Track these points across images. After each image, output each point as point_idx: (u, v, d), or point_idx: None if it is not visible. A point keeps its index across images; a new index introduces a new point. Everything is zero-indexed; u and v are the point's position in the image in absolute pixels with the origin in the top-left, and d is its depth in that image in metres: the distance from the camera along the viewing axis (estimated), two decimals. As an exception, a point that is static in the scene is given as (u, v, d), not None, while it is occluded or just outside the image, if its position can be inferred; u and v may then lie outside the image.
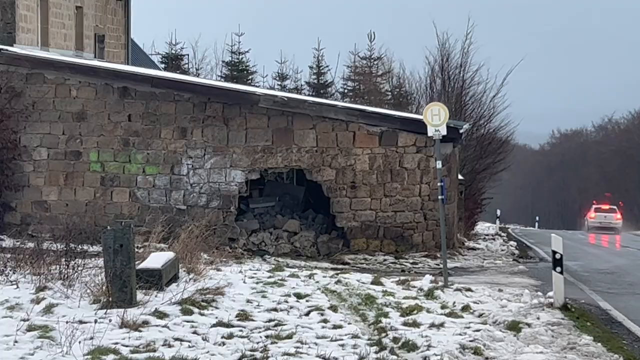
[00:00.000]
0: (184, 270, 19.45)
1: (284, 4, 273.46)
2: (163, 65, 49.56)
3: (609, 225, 64.10)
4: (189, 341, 13.59)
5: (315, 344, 13.73)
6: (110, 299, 15.81)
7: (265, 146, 28.30)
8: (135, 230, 18.32)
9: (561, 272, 18.31)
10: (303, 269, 23.58)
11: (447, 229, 24.24)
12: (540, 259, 31.19)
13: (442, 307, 17.44)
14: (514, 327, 15.54)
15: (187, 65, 51.23)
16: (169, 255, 18.99)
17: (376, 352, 13.18)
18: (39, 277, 17.77)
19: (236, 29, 51.15)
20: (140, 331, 13.93)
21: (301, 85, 50.26)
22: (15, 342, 12.89)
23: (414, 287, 20.07)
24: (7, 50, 29.09)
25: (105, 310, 15.27)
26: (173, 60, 50.44)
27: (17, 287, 17.15)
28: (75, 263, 18.53)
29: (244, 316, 15.69)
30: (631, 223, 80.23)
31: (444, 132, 22.41)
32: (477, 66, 45.88)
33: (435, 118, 22.28)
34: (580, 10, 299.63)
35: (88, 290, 16.58)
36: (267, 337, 14.15)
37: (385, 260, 26.94)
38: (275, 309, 16.63)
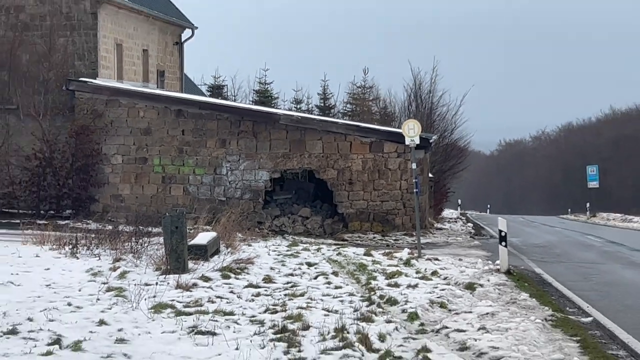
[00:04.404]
0: (224, 246, 19.46)
1: (300, 47, 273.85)
2: (208, 93, 49.43)
3: None
4: (227, 298, 13.58)
5: (322, 300, 13.73)
6: (169, 267, 15.82)
7: (284, 153, 28.29)
8: (187, 216, 18.34)
9: (505, 246, 18.29)
10: (313, 244, 23.60)
11: (420, 214, 24.21)
12: (490, 236, 31.19)
13: (417, 273, 17.43)
14: (470, 287, 15.53)
15: (226, 93, 51.01)
16: (213, 234, 19.01)
17: (367, 306, 13.17)
18: (115, 251, 17.85)
19: (263, 66, 50.93)
20: (191, 291, 13.93)
21: (311, 107, 50.01)
22: (98, 299, 12.92)
23: (396, 257, 20.05)
24: (92, 82, 29.17)
25: (164, 276, 15.28)
26: (216, 89, 50.23)
27: (99, 258, 17.21)
28: (142, 241, 18.59)
29: (268, 279, 15.70)
30: (558, 211, 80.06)
31: (417, 141, 22.43)
32: (442, 92, 46.02)
33: (411, 131, 22.26)
34: (518, 48, 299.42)
35: (152, 261, 16.61)
36: (285, 295, 14.14)
37: (374, 237, 26.93)
38: (291, 274, 16.65)
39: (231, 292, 14.19)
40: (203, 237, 18.31)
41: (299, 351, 10.03)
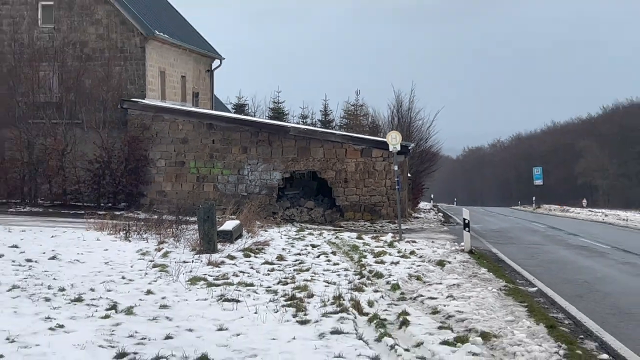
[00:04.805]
0: (245, 231, 19.53)
1: (306, 73, 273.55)
2: (233, 110, 49.39)
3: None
4: (248, 273, 13.63)
5: (323, 274, 13.76)
6: (202, 248, 15.90)
7: (293, 157, 28.28)
8: (216, 207, 18.39)
9: (469, 231, 18.33)
10: (316, 230, 23.60)
11: (401, 206, 24.24)
12: (456, 223, 31.18)
13: (398, 252, 17.43)
14: (441, 263, 15.55)
15: (248, 110, 50.93)
16: (237, 222, 19.06)
17: (359, 279, 13.22)
18: (159, 235, 17.91)
19: (277, 88, 51.08)
20: (219, 267, 13.99)
21: (315, 121, 49.95)
22: (146, 274, 12.98)
23: (382, 240, 20.06)
24: (141, 101, 29.20)
25: (198, 255, 15.35)
26: (239, 107, 50.15)
27: (147, 241, 17.27)
28: (181, 227, 18.64)
29: (280, 258, 15.74)
30: (510, 203, 79.92)
31: (399, 148, 22.43)
32: (418, 110, 46.01)
33: (394, 140, 22.28)
34: (481, 71, 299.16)
35: (189, 243, 16.68)
36: (294, 270, 14.19)
37: (364, 224, 26.92)
38: (299, 254, 16.67)
39: (251, 267, 14.25)
40: (229, 224, 18.36)
41: (305, 314, 10.06)
